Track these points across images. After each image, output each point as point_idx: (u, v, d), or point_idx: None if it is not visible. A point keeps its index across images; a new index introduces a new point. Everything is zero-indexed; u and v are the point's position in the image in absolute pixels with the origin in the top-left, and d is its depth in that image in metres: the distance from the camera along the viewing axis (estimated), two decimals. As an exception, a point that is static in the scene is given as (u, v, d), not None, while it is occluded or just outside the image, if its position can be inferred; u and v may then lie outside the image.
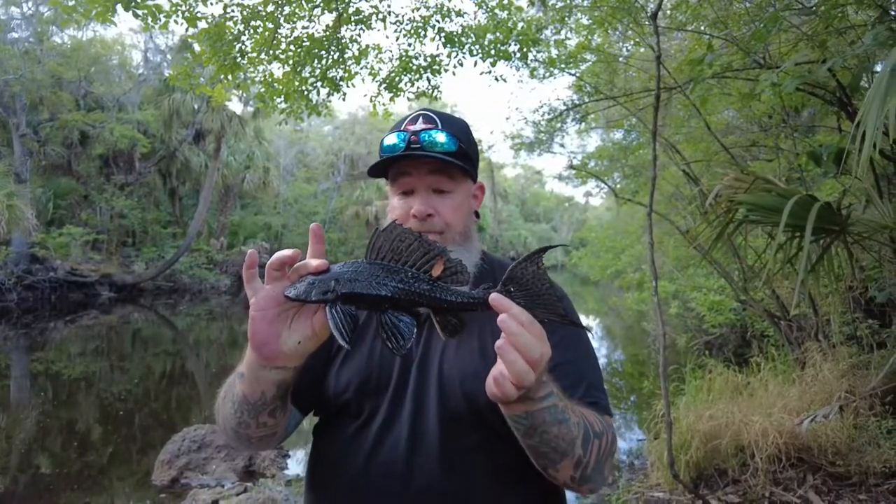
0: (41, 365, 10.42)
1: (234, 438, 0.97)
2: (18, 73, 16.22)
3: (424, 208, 1.04)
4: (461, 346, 1.02)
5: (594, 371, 1.07)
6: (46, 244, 16.91)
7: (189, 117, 20.17)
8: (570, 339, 1.05)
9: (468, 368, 0.99)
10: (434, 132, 1.04)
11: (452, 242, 1.07)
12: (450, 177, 1.07)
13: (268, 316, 0.76)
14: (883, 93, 1.70)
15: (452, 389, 0.98)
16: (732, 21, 3.89)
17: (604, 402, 1.02)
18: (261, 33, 4.72)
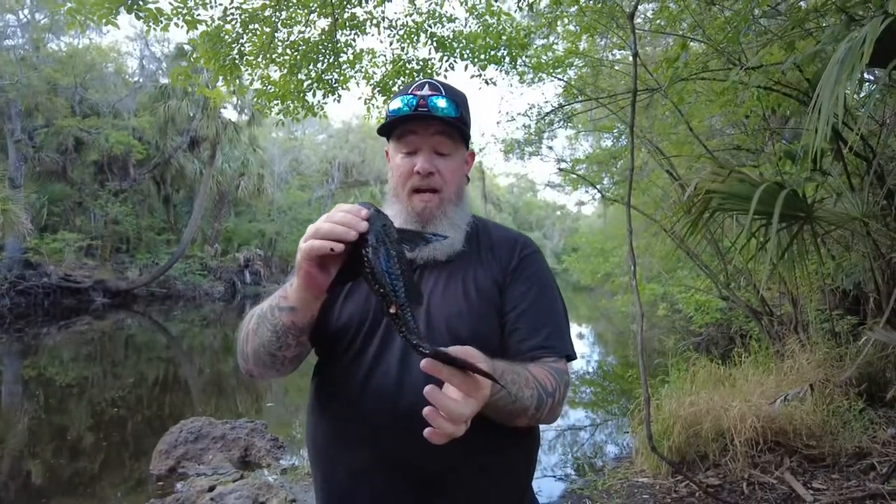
0: (33, 370, 10.40)
1: (269, 364, 1.10)
2: (14, 79, 16.30)
3: (428, 166, 1.16)
4: (447, 289, 1.15)
5: (556, 316, 1.18)
6: (40, 249, 16.91)
7: (184, 124, 20.29)
8: (535, 286, 1.18)
9: (452, 309, 1.12)
10: (438, 98, 1.15)
11: (449, 201, 1.19)
12: (451, 140, 1.18)
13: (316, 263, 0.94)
14: (833, 81, 1.87)
15: (438, 327, 1.10)
16: (710, 27, 4.07)
17: (561, 346, 1.14)
18: (259, 36, 4.87)
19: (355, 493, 1.09)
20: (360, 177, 29.66)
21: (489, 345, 1.08)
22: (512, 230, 1.31)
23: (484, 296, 1.14)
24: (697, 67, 3.36)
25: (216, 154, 20.99)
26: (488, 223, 1.30)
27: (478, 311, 1.12)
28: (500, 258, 1.20)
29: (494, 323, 1.14)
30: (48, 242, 17.35)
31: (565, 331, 1.18)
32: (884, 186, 3.45)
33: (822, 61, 2.70)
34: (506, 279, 1.18)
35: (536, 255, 1.24)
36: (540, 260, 1.24)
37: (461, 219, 1.21)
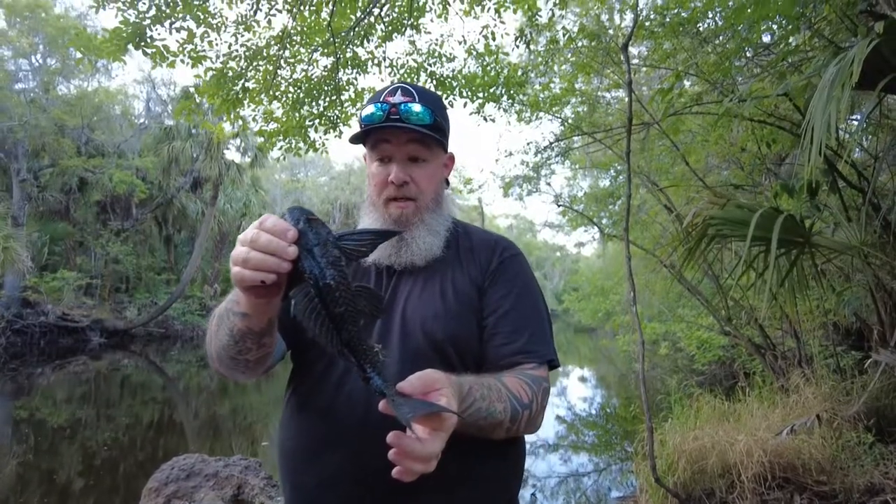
0: (25, 412, 10.23)
1: (232, 367, 1.04)
2: (23, 120, 16.65)
3: (402, 175, 1.14)
4: (424, 292, 1.13)
5: (538, 320, 1.15)
6: (39, 288, 16.87)
7: (188, 165, 20.57)
8: (515, 289, 1.15)
9: (428, 311, 1.10)
10: (412, 104, 1.12)
11: (426, 208, 1.18)
12: (426, 146, 1.16)
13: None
14: (824, 102, 1.90)
15: (413, 329, 1.08)
16: (703, 63, 4.18)
17: (543, 351, 1.11)
18: (263, 73, 5.00)
19: (324, 501, 1.04)
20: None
21: (467, 346, 1.10)
22: (493, 233, 1.29)
23: (462, 297, 1.12)
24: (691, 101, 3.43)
25: (218, 195, 21.19)
26: (469, 227, 1.29)
27: (455, 312, 1.10)
28: (479, 260, 1.19)
29: (472, 324, 1.11)
30: (47, 281, 17.33)
31: (547, 335, 1.15)
32: (879, 215, 3.46)
33: (812, 89, 2.76)
34: (485, 282, 1.16)
35: (517, 257, 1.22)
36: (521, 263, 1.21)
37: (439, 224, 1.19)
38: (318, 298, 0.77)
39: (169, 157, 19.75)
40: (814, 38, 2.93)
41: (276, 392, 12.84)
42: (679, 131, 4.29)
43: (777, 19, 3.77)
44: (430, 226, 1.17)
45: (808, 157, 1.94)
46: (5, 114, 16.74)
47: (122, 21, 4.27)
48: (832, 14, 3.41)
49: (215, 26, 4.79)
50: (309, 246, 0.79)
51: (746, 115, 3.10)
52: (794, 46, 3.23)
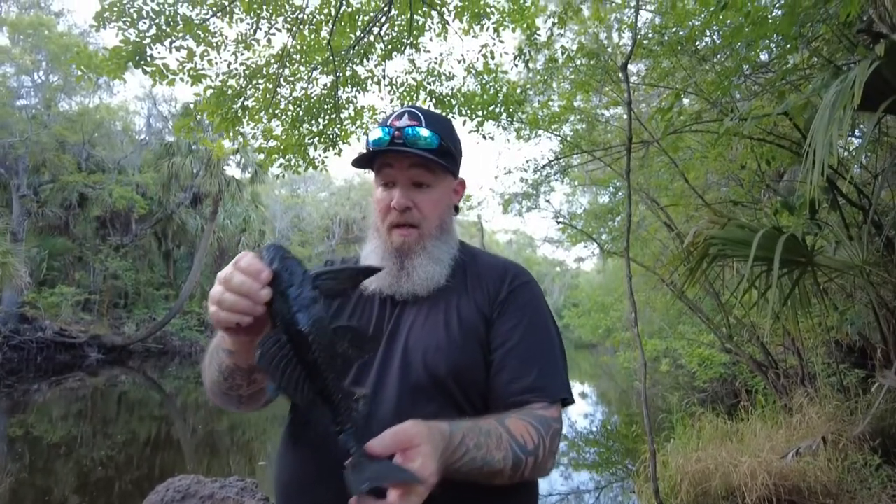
0: (20, 429, 10.12)
1: (225, 401, 1.04)
2: (24, 136, 16.72)
3: (404, 201, 1.10)
4: (428, 320, 1.08)
5: (549, 354, 1.07)
6: (37, 304, 16.81)
7: (188, 180, 20.61)
8: (525, 320, 1.08)
9: (431, 342, 1.04)
10: (417, 129, 1.09)
11: (429, 235, 1.13)
12: (430, 171, 1.12)
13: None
14: (825, 123, 1.88)
15: (414, 361, 1.02)
16: (701, 81, 4.19)
17: (554, 388, 1.03)
18: (262, 91, 5.01)
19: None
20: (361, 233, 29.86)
21: (471, 380, 1.03)
22: (502, 259, 1.21)
23: (466, 327, 1.06)
24: (690, 119, 3.43)
25: (218, 210, 21.21)
26: (477, 252, 1.23)
27: (458, 342, 1.04)
28: (487, 289, 1.12)
29: (478, 355, 1.04)
30: (45, 297, 17.27)
31: (559, 370, 1.07)
32: (881, 235, 3.44)
33: (812, 109, 2.75)
34: (493, 312, 1.09)
35: (529, 285, 1.14)
36: (533, 291, 1.14)
37: (444, 253, 1.14)
38: (290, 345, 0.73)
39: (169, 173, 19.79)
40: (812, 58, 2.94)
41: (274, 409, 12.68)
42: (678, 149, 4.29)
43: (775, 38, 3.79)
44: (434, 254, 1.12)
45: (810, 176, 1.92)
46: (6, 130, 16.82)
47: (123, 40, 4.29)
48: (829, 33, 3.43)
49: (215, 45, 4.81)
50: (282, 288, 0.76)
51: (746, 134, 3.10)
52: (793, 65, 3.23)
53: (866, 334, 4.39)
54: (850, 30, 3.31)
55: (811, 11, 3.23)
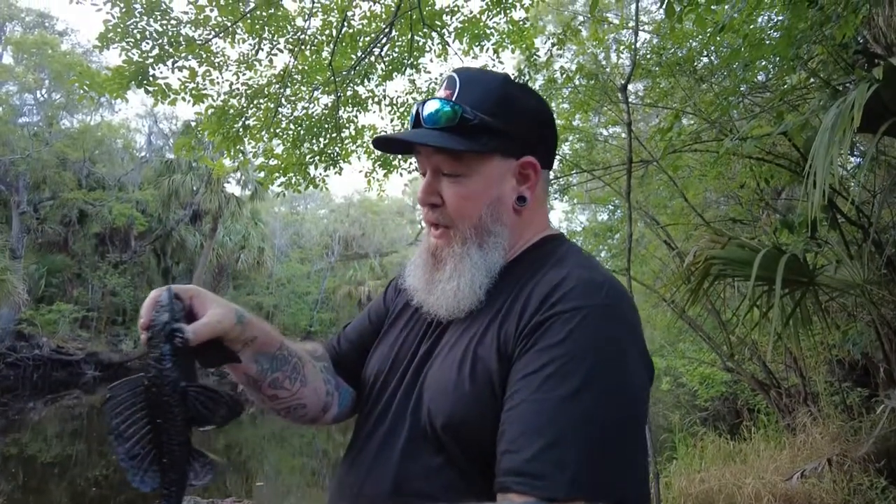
0: (14, 448, 10.03)
1: (275, 413, 0.98)
2: (25, 154, 16.82)
3: (423, 196, 0.90)
4: (452, 351, 0.86)
5: (570, 424, 0.67)
6: (34, 321, 16.74)
7: (188, 198, 20.67)
8: (551, 366, 0.72)
9: (440, 384, 0.84)
10: (439, 105, 0.86)
11: (462, 240, 0.88)
12: (456, 158, 0.87)
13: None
14: (826, 145, 1.90)
15: (425, 403, 0.85)
16: (700, 101, 4.23)
17: (557, 480, 0.64)
18: (263, 111, 5.04)
19: None
20: (360, 249, 29.90)
21: (473, 438, 0.78)
22: (581, 271, 0.81)
23: (480, 367, 0.80)
24: (690, 139, 3.45)
25: (217, 227, 21.25)
26: (564, 259, 0.87)
27: (465, 388, 0.79)
28: (522, 313, 0.80)
29: (485, 408, 0.77)
30: (43, 314, 17.21)
31: (584, 457, 0.66)
32: (882, 255, 3.45)
33: (810, 130, 2.78)
34: (516, 348, 0.77)
35: (579, 314, 0.74)
36: (586, 324, 0.74)
37: (480, 263, 0.87)
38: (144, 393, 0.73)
39: (169, 190, 19.86)
40: (810, 79, 2.97)
41: (271, 427, 12.61)
42: (678, 167, 4.31)
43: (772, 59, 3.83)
44: (463, 265, 0.87)
45: (811, 197, 1.93)
46: (8, 147, 16.92)
47: (126, 60, 4.33)
48: (825, 54, 3.47)
49: (217, 65, 4.85)
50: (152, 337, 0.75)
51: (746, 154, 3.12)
52: (790, 86, 3.26)
53: (869, 353, 4.37)
54: (846, 51, 3.35)
55: (808, 33, 3.28)
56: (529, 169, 0.91)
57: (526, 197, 0.91)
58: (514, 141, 0.89)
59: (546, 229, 0.95)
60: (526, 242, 0.93)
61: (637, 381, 0.74)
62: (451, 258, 0.89)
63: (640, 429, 0.72)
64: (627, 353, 0.74)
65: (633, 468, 0.69)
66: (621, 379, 0.72)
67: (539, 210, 0.95)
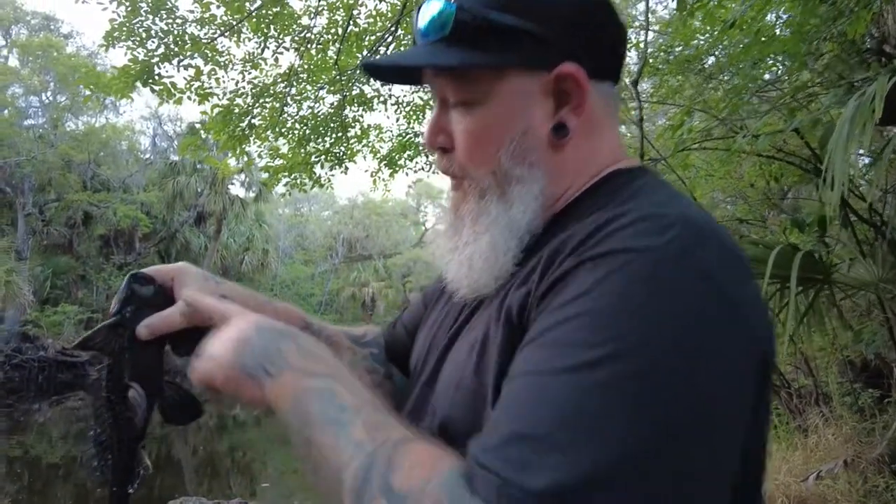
0: (20, 449, 10.05)
1: None
2: (31, 156, 16.89)
3: (428, 136, 0.68)
4: (469, 335, 0.66)
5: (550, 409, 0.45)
6: (39, 322, 16.79)
7: (192, 199, 20.72)
8: (556, 330, 0.48)
9: (448, 376, 0.65)
10: (425, 5, 0.65)
11: (480, 193, 0.66)
12: (458, 79, 0.64)
13: None
14: (844, 138, 1.86)
15: (438, 392, 0.67)
16: (711, 98, 4.19)
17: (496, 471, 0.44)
18: (269, 110, 5.03)
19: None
20: (364, 251, 29.93)
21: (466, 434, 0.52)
22: (641, 207, 0.54)
23: (488, 356, 0.58)
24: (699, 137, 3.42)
25: (222, 229, 21.29)
26: (635, 193, 0.60)
27: (465, 384, 0.60)
28: (547, 267, 0.55)
29: (480, 401, 0.57)
30: (48, 315, 17.25)
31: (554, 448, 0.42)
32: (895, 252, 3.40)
33: (825, 126, 2.74)
34: (529, 316, 0.55)
35: (615, 258, 0.49)
36: (615, 271, 0.48)
37: (503, 220, 0.64)
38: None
39: (173, 192, 19.92)
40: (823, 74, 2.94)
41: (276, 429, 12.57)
42: (687, 166, 4.27)
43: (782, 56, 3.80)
44: (482, 225, 0.65)
45: (828, 192, 1.89)
46: (13, 149, 16.98)
47: (132, 59, 4.32)
48: (836, 51, 3.43)
49: (223, 64, 4.84)
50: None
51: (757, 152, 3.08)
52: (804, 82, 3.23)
53: (882, 353, 4.33)
54: (857, 48, 3.31)
55: (819, 29, 3.24)
56: (570, 83, 0.63)
57: (567, 124, 0.64)
58: (542, 45, 0.62)
59: (615, 161, 0.67)
60: (582, 185, 0.66)
61: (712, 373, 0.45)
62: (468, 217, 0.67)
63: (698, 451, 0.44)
64: (699, 326, 0.46)
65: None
66: (676, 363, 0.44)
67: (596, 139, 0.66)
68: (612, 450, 0.41)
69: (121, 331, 0.70)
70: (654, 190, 0.61)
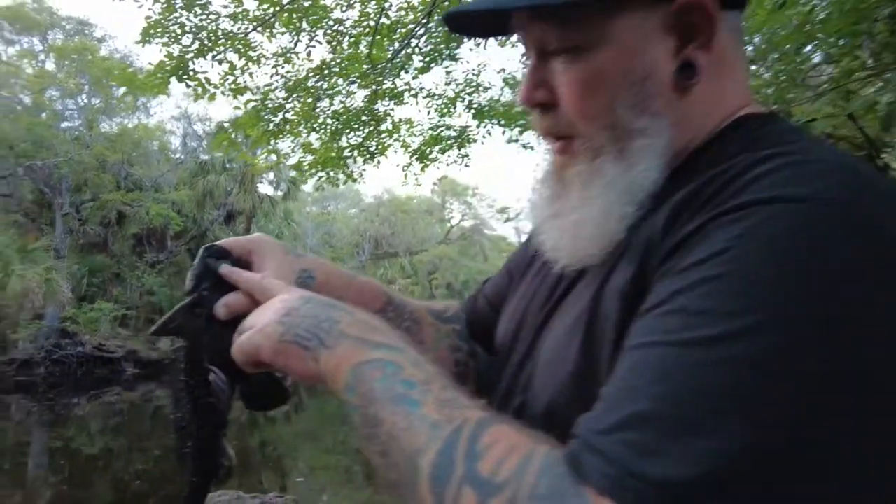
0: (60, 441, 10.34)
1: None
2: (68, 157, 17.36)
3: (526, 92, 0.58)
4: (573, 309, 0.58)
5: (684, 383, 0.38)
6: (77, 319, 17.25)
7: (222, 198, 21.05)
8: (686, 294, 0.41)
9: (550, 355, 0.59)
10: None
11: (593, 153, 0.57)
12: (561, 22, 0.55)
13: None
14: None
15: (535, 378, 0.61)
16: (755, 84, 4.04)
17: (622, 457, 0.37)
18: (302, 105, 5.04)
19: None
20: (390, 248, 30.05)
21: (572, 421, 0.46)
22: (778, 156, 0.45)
23: (597, 332, 0.52)
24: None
25: (251, 227, 21.57)
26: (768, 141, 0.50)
27: (569, 366, 0.54)
28: (670, 227, 0.48)
29: (592, 384, 0.47)
30: (85, 312, 17.71)
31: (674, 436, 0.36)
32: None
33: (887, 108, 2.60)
34: (651, 281, 0.47)
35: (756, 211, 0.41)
36: (755, 224, 0.41)
37: (620, 181, 0.55)
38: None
39: (204, 191, 20.25)
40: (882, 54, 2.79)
41: (306, 424, 12.69)
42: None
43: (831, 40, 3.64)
44: (593, 188, 0.57)
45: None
46: (52, 151, 17.47)
47: (167, 55, 4.36)
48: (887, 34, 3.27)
49: (255, 59, 4.86)
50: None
51: (813, 136, 2.95)
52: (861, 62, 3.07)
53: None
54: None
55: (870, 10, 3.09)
56: (696, 14, 0.53)
57: (696, 62, 0.54)
58: None
59: (744, 105, 0.57)
60: (708, 133, 0.56)
61: (881, 353, 0.37)
62: (576, 180, 0.58)
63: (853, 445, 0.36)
64: (865, 294, 0.38)
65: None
66: (835, 338, 0.37)
67: (725, 79, 0.56)
68: (754, 437, 0.36)
69: (198, 311, 0.65)
70: (797, 135, 0.52)
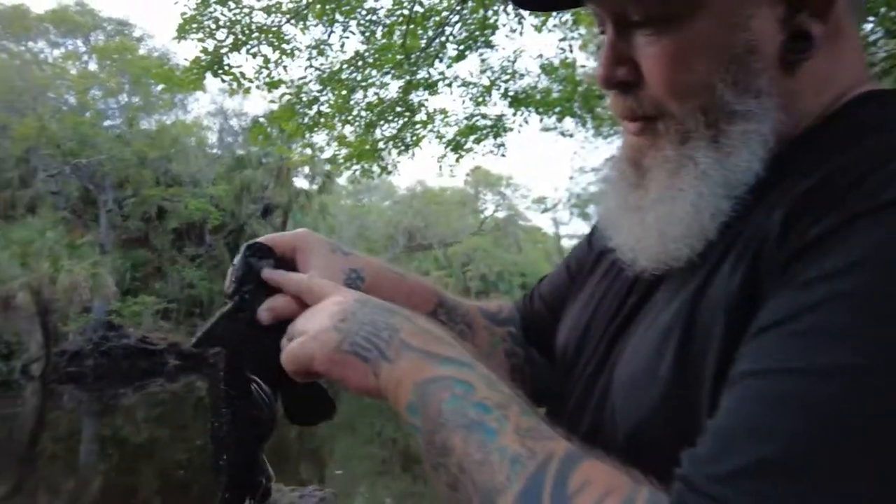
0: (109, 430, 10.70)
1: None
2: (110, 154, 17.87)
3: (605, 70, 0.50)
4: (660, 316, 0.50)
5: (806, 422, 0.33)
6: (122, 312, 17.79)
7: (258, 192, 21.35)
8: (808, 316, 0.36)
9: (634, 368, 0.51)
10: None
11: (682, 138, 0.49)
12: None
13: None
14: None
15: (608, 398, 0.54)
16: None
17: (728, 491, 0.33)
18: (336, 97, 4.98)
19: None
20: (424, 240, 30.06)
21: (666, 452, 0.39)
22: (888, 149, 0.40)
23: (695, 345, 0.44)
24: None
25: (287, 220, 21.84)
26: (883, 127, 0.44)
27: (660, 385, 0.46)
28: (776, 233, 0.41)
29: (692, 403, 0.43)
30: (129, 305, 18.25)
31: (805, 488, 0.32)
32: None
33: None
34: (761, 293, 0.40)
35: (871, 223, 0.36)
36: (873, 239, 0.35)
37: (716, 172, 0.47)
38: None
39: (241, 185, 20.57)
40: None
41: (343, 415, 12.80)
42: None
43: None
44: (683, 179, 0.48)
45: None
46: (95, 149, 18.00)
47: (202, 50, 4.35)
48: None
49: (289, 52, 4.81)
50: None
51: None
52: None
53: None
54: None
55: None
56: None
57: (811, 32, 0.45)
58: None
59: (860, 82, 0.48)
60: (819, 114, 0.48)
61: None
62: (660, 168, 0.50)
63: None
64: None
65: None
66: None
67: (839, 53, 0.47)
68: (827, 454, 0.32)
69: (240, 315, 0.58)
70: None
